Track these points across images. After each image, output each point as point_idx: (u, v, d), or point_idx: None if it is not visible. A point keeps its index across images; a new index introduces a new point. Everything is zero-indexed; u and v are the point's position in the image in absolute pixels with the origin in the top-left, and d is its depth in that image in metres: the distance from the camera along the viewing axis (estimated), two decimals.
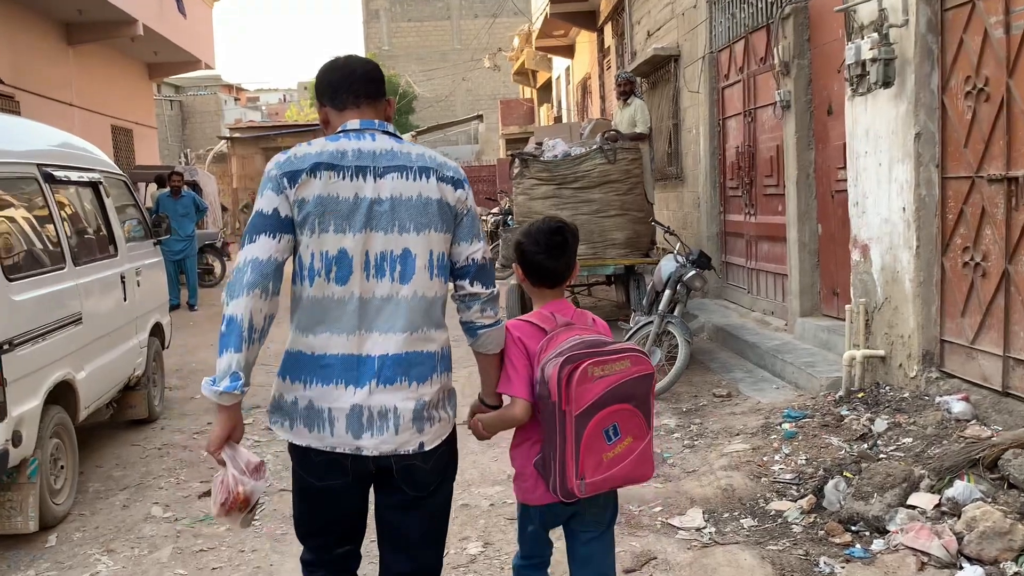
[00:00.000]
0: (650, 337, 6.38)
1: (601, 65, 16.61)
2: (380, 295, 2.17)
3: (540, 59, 24.08)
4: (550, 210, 8.38)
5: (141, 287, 6.06)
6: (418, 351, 2.19)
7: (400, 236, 2.17)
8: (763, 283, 8.12)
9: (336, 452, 2.16)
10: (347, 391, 2.15)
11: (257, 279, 2.09)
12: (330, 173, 2.14)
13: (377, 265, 2.16)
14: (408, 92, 38.39)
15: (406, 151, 2.23)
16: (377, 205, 2.16)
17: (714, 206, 9.32)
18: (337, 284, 2.15)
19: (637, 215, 8.53)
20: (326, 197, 2.14)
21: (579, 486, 2.21)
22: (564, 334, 2.31)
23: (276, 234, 2.12)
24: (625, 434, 2.25)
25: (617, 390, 2.22)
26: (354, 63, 2.33)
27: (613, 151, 8.32)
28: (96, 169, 5.71)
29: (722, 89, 9.05)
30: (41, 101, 12.86)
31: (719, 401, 5.98)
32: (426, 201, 2.20)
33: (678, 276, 6.52)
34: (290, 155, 2.19)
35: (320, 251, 2.15)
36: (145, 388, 6.06)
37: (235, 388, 2.05)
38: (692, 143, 10.14)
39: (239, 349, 2.06)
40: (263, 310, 2.09)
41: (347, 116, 2.26)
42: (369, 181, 2.17)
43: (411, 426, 2.17)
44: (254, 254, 2.11)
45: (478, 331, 2.31)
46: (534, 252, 2.42)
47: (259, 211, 2.15)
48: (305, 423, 2.17)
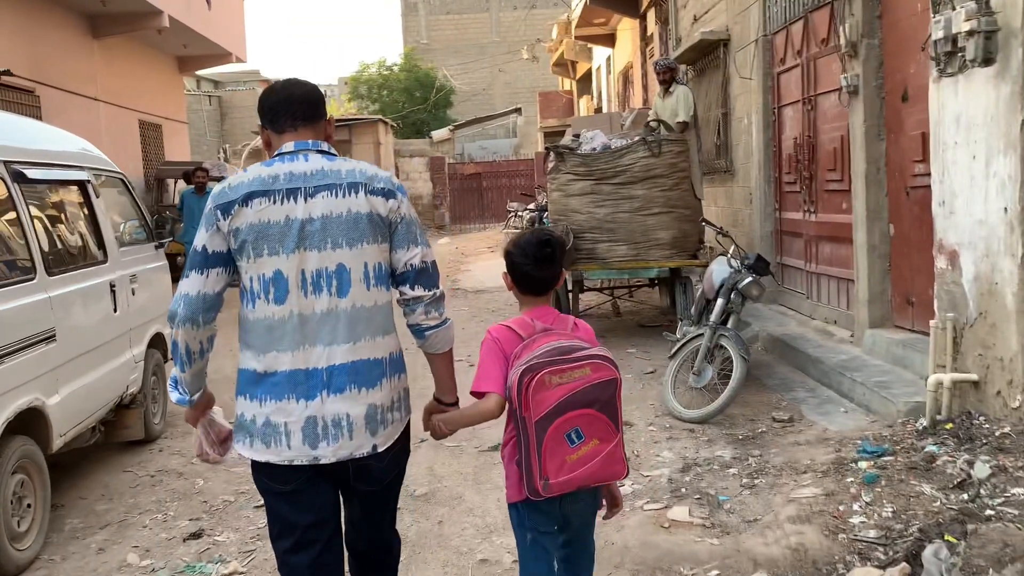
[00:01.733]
0: (700, 352, 5.68)
1: (644, 53, 15.84)
2: (320, 310, 2.28)
3: (580, 49, 23.33)
4: (588, 207, 7.73)
5: (137, 295, 5.51)
6: (364, 359, 2.31)
7: (333, 252, 2.28)
8: (825, 289, 7.35)
9: (295, 464, 2.29)
10: (299, 404, 2.27)
11: (187, 315, 2.28)
12: (261, 199, 2.25)
13: (314, 282, 2.27)
14: (445, 86, 37.82)
15: (336, 168, 2.31)
16: (308, 224, 2.27)
17: (768, 203, 8.56)
18: (276, 304, 2.27)
19: (684, 213, 7.83)
20: (258, 224, 2.25)
21: (543, 486, 2.32)
22: (541, 340, 2.41)
23: (204, 270, 2.28)
24: (589, 437, 2.34)
25: (576, 396, 2.32)
26: (292, 86, 2.41)
27: (658, 143, 7.63)
28: (84, 166, 5.16)
29: (777, 75, 8.27)
30: (64, 95, 12.48)
31: (780, 427, 5.26)
32: (356, 216, 2.29)
33: (732, 283, 5.80)
34: (224, 186, 2.31)
35: (258, 274, 2.27)
36: (141, 406, 5.52)
37: (183, 402, 2.45)
38: (743, 134, 9.37)
39: (183, 370, 2.36)
40: (197, 338, 2.30)
41: (286, 138, 2.35)
42: (300, 202, 2.26)
43: (364, 431, 2.30)
44: (185, 290, 2.29)
45: (425, 332, 2.41)
46: (523, 263, 2.53)
47: (194, 247, 2.30)
48: (263, 440, 2.29)
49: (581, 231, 7.72)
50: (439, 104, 37.63)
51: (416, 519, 4.23)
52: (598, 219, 7.70)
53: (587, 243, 7.74)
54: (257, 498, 4.57)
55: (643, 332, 8.54)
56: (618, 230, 7.67)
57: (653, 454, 4.94)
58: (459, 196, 27.22)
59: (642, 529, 3.87)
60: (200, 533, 4.20)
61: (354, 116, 28.42)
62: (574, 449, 2.32)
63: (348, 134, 25.08)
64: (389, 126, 27.12)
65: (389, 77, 38.43)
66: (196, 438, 2.53)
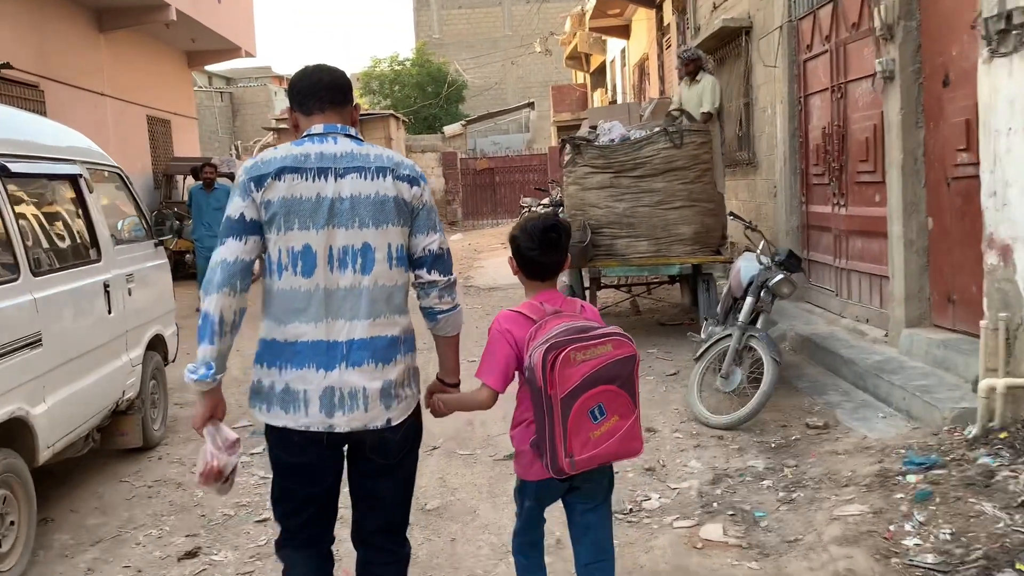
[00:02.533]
0: (728, 354, 5.35)
1: (660, 44, 15.48)
2: (344, 285, 2.35)
3: (594, 41, 22.97)
4: (606, 201, 7.41)
5: (134, 295, 5.24)
6: (382, 335, 2.38)
7: (360, 231, 2.35)
8: (855, 285, 7.00)
9: (311, 431, 2.35)
10: (319, 374, 2.33)
11: (225, 279, 2.30)
12: (293, 176, 2.33)
13: (340, 258, 2.35)
14: (457, 80, 37.48)
15: (365, 152, 2.40)
16: (338, 203, 2.35)
17: (794, 195, 8.21)
18: (303, 277, 2.33)
19: (706, 206, 7.49)
20: (290, 198, 2.32)
21: (568, 463, 2.34)
22: (552, 322, 2.44)
23: (242, 236, 2.32)
24: (611, 413, 2.37)
25: (600, 372, 2.35)
26: (322, 72, 2.48)
27: (679, 133, 7.28)
28: (76, 160, 4.88)
29: (804, 62, 7.92)
30: (69, 90, 12.26)
31: (815, 434, 4.93)
32: (383, 199, 2.37)
33: (762, 281, 5.47)
34: (257, 160, 2.37)
35: (286, 247, 2.34)
36: (139, 412, 5.24)
37: (207, 377, 2.31)
38: (767, 124, 9.02)
39: (212, 342, 2.29)
40: (232, 306, 2.30)
41: (314, 121, 2.43)
42: (330, 181, 2.34)
43: (379, 404, 2.37)
44: (222, 256, 2.32)
45: (437, 316, 2.51)
46: (529, 248, 2.57)
47: (228, 216, 2.34)
48: (281, 406, 2.36)
49: (599, 226, 7.40)
50: (451, 99, 37.28)
51: (427, 536, 3.93)
52: (617, 214, 7.37)
53: (605, 239, 7.42)
54: (259, 511, 4.32)
55: (664, 331, 8.21)
56: (638, 225, 7.34)
57: (680, 464, 4.63)
58: (471, 192, 26.92)
59: (673, 550, 3.56)
60: (196, 552, 3.92)
61: (365, 111, 28.17)
62: (597, 425, 2.35)
63: (359, 129, 24.83)
64: (400, 121, 26.84)
65: (401, 72, 38.13)
66: (201, 456, 2.44)
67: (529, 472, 2.50)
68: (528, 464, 2.48)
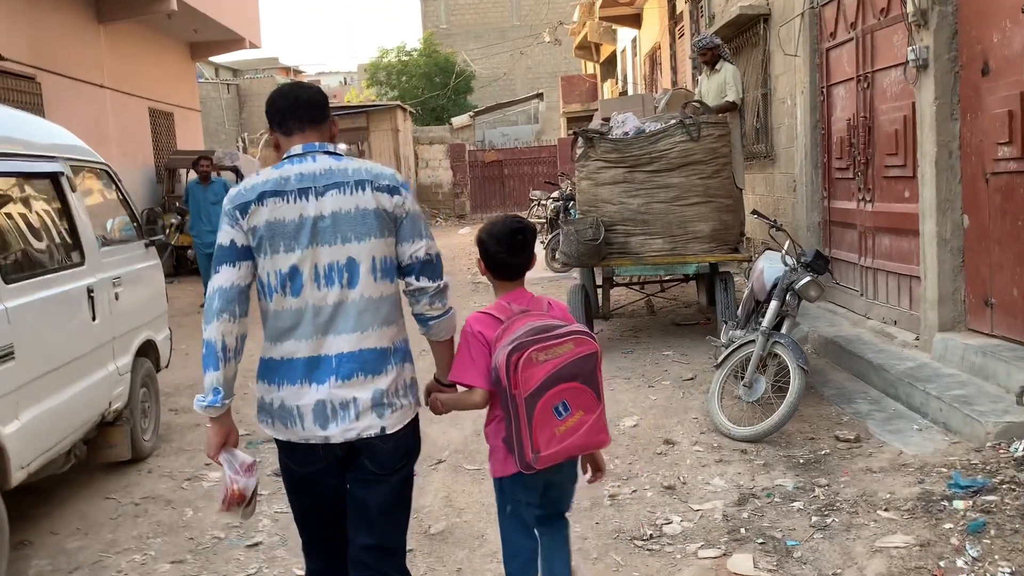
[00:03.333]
0: (752, 361, 5.03)
1: (672, 34, 15.09)
2: (331, 302, 2.39)
3: (604, 31, 22.56)
4: (620, 197, 7.08)
5: (122, 300, 4.95)
6: (371, 348, 2.41)
7: (344, 247, 2.39)
8: (882, 285, 6.66)
9: (309, 443, 2.41)
10: (311, 388, 2.38)
11: (223, 306, 2.35)
12: (275, 199, 2.37)
13: (326, 275, 2.39)
14: (465, 70, 37.10)
15: (343, 167, 2.42)
16: (320, 222, 2.38)
17: (815, 191, 7.86)
18: (293, 297, 2.39)
19: (724, 202, 7.16)
20: (273, 222, 2.37)
21: (534, 458, 2.40)
22: (519, 321, 2.50)
23: (234, 263, 2.38)
24: (575, 409, 2.44)
25: (562, 371, 2.42)
26: (299, 91, 2.52)
27: (697, 126, 6.94)
28: (58, 157, 4.58)
29: (826, 51, 7.56)
30: (67, 82, 11.97)
31: (845, 448, 4.61)
32: (364, 212, 2.39)
33: (787, 283, 5.14)
34: (241, 188, 2.41)
35: (275, 270, 2.39)
36: (128, 423, 4.96)
37: (216, 403, 2.35)
38: (786, 116, 8.67)
39: (217, 368, 2.35)
40: (233, 332, 2.36)
41: (294, 141, 2.46)
42: (311, 201, 2.38)
43: (371, 413, 2.39)
44: (219, 283, 2.37)
45: (429, 322, 2.54)
46: (497, 251, 2.63)
47: (219, 243, 2.40)
48: (281, 421, 2.42)
49: (612, 223, 7.08)
50: (459, 90, 36.92)
51: (431, 565, 3.64)
52: (631, 210, 7.05)
53: (619, 236, 7.09)
54: (250, 535, 4.03)
55: (679, 332, 7.90)
56: (653, 222, 7.01)
57: (702, 481, 4.31)
58: (480, 184, 26.59)
59: None
60: None
61: (371, 103, 27.85)
62: (562, 421, 2.42)
63: (365, 121, 24.52)
64: (408, 112, 26.52)
65: (408, 63, 37.77)
66: (221, 483, 2.46)
67: (503, 468, 2.56)
68: (502, 460, 2.55)
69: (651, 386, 6.14)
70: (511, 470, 2.51)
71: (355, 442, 2.40)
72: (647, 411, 5.53)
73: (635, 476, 4.44)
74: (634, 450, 4.82)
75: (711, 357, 6.69)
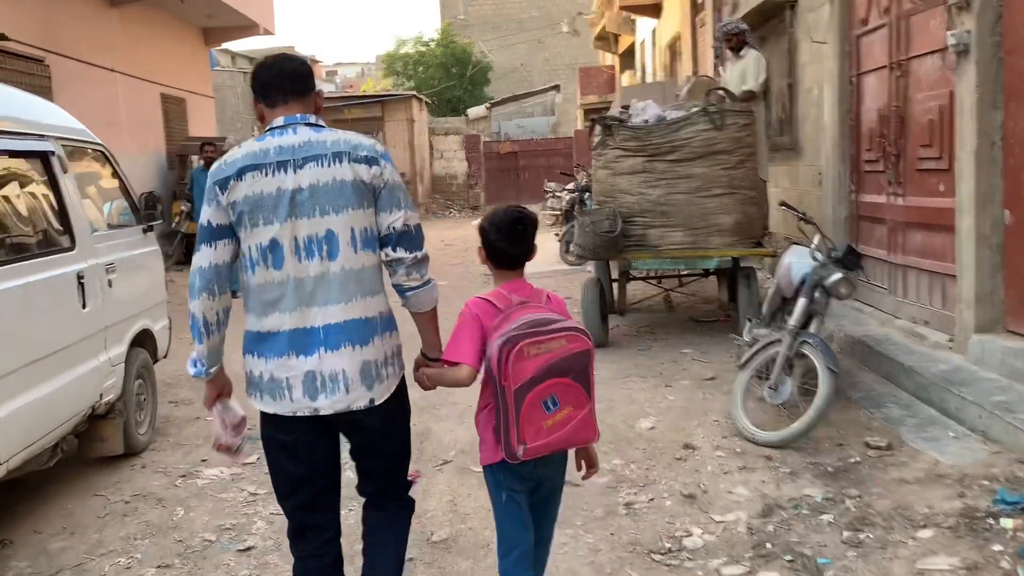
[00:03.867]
0: (778, 362, 4.75)
1: (693, 23, 14.75)
2: (313, 274, 2.42)
3: (623, 21, 22.21)
4: (639, 188, 6.80)
5: (116, 287, 4.73)
6: (356, 318, 2.45)
7: (322, 219, 2.41)
8: (913, 283, 6.35)
9: (297, 416, 2.46)
10: (299, 360, 2.42)
11: (203, 285, 2.43)
12: (254, 173, 2.39)
13: (306, 248, 2.41)
14: (482, 61, 36.79)
15: (322, 139, 2.43)
16: (298, 194, 2.40)
17: (843, 184, 7.54)
18: (275, 269, 2.42)
19: (748, 194, 6.87)
20: (252, 196, 2.39)
21: (521, 449, 2.43)
22: (517, 312, 2.51)
23: (212, 242, 2.43)
24: (564, 404, 2.46)
25: (553, 366, 2.43)
26: (282, 62, 2.53)
27: (721, 114, 6.65)
28: (49, 136, 4.36)
29: (857, 38, 7.24)
30: (78, 66, 11.78)
31: (877, 456, 4.33)
32: (341, 184, 2.41)
33: (817, 279, 4.85)
34: (221, 163, 2.45)
35: (256, 243, 2.42)
36: (121, 416, 4.74)
37: (201, 373, 2.52)
38: (812, 106, 8.35)
39: (201, 341, 2.48)
40: (214, 308, 2.45)
41: (277, 112, 2.48)
42: (290, 173, 2.40)
43: (360, 385, 2.46)
44: (198, 263, 2.44)
45: (407, 293, 2.57)
46: (497, 239, 2.63)
47: (200, 223, 2.47)
48: (268, 393, 2.46)
49: (630, 214, 6.80)
50: (475, 81, 36.64)
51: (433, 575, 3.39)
52: (650, 201, 6.76)
53: (637, 228, 6.81)
54: (243, 537, 3.80)
55: (698, 329, 7.61)
56: (673, 214, 6.73)
57: (724, 490, 4.04)
58: (495, 176, 26.33)
59: None
60: None
61: (386, 92, 27.63)
62: (550, 415, 2.43)
63: (380, 110, 24.29)
64: (423, 103, 26.27)
65: (425, 53, 37.51)
66: (213, 426, 2.62)
67: (492, 456, 2.56)
68: (492, 448, 2.55)
69: (669, 385, 5.86)
70: (500, 457, 2.52)
71: (343, 414, 2.45)
72: (665, 412, 5.26)
73: (653, 483, 4.18)
74: (651, 454, 4.56)
75: (733, 356, 6.42)
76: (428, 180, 25.99)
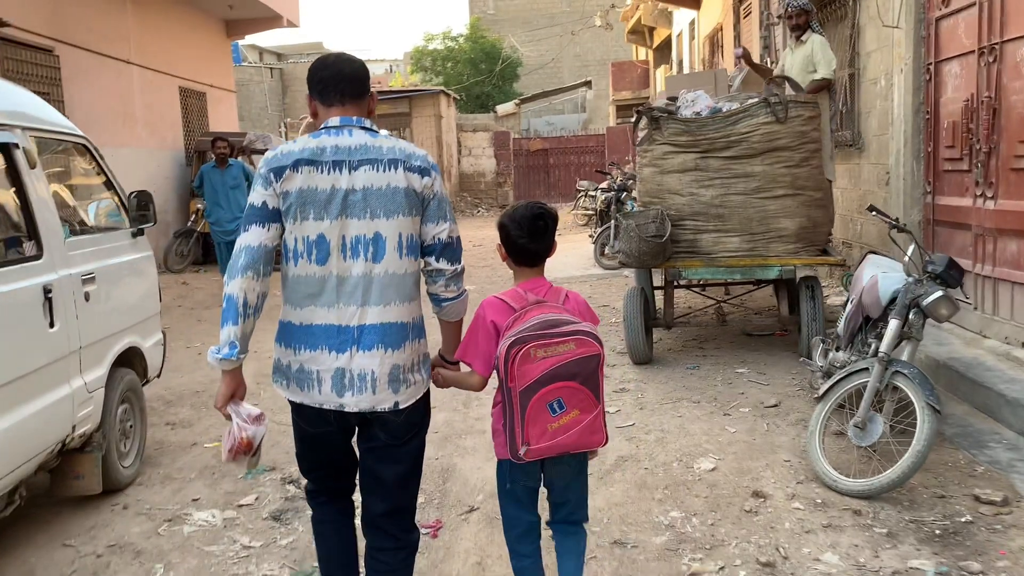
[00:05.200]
0: (866, 395, 4.01)
1: (737, 13, 13.95)
2: (356, 273, 2.45)
3: (659, 14, 21.41)
4: (689, 187, 6.09)
5: (95, 301, 4.10)
6: (392, 321, 2.48)
7: (372, 221, 2.44)
8: (1006, 298, 5.57)
9: (323, 408, 2.49)
10: (331, 356, 2.45)
11: (249, 263, 2.40)
12: (310, 168, 2.42)
13: (352, 247, 2.44)
14: (511, 56, 36.08)
15: (378, 145, 2.48)
16: (351, 195, 2.43)
17: (916, 184, 6.77)
18: (317, 264, 2.44)
19: (813, 196, 6.13)
20: (306, 189, 2.42)
21: (524, 451, 2.44)
22: (532, 311, 2.51)
23: (265, 223, 2.43)
24: (571, 407, 2.45)
25: (559, 369, 2.43)
26: (343, 63, 2.56)
27: (784, 105, 5.91)
28: (13, 125, 3.73)
29: (936, 20, 6.46)
30: (90, 56, 11.25)
31: (992, 514, 3.59)
32: (394, 190, 2.46)
33: (912, 298, 4.11)
34: (277, 152, 2.46)
35: (302, 236, 2.43)
36: (99, 449, 4.11)
37: (232, 355, 2.40)
38: (878, 98, 7.57)
39: (236, 323, 2.39)
40: (256, 289, 2.41)
41: (332, 112, 2.52)
42: (344, 174, 2.43)
43: (387, 387, 2.47)
44: (247, 242, 2.42)
45: (443, 302, 2.64)
46: (518, 236, 2.63)
47: (251, 203, 2.45)
48: (297, 383, 2.50)
49: (680, 217, 6.08)
50: (505, 77, 35.94)
51: None
52: (703, 203, 6.04)
53: (687, 233, 6.10)
54: None
55: (751, 344, 6.87)
56: (729, 217, 6.00)
57: (810, 556, 3.33)
58: (524, 173, 25.63)
59: None
60: None
61: (414, 87, 27.01)
62: (556, 418, 2.44)
63: (408, 106, 23.66)
64: (452, 99, 25.63)
65: (454, 49, 36.87)
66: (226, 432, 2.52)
67: (505, 450, 2.56)
68: (503, 444, 2.56)
69: (727, 414, 5.15)
70: (507, 455, 2.53)
71: (367, 413, 2.48)
72: (726, 449, 4.54)
73: (721, 544, 3.47)
74: (715, 504, 3.85)
75: (796, 378, 5.72)
76: (456, 178, 25.35)
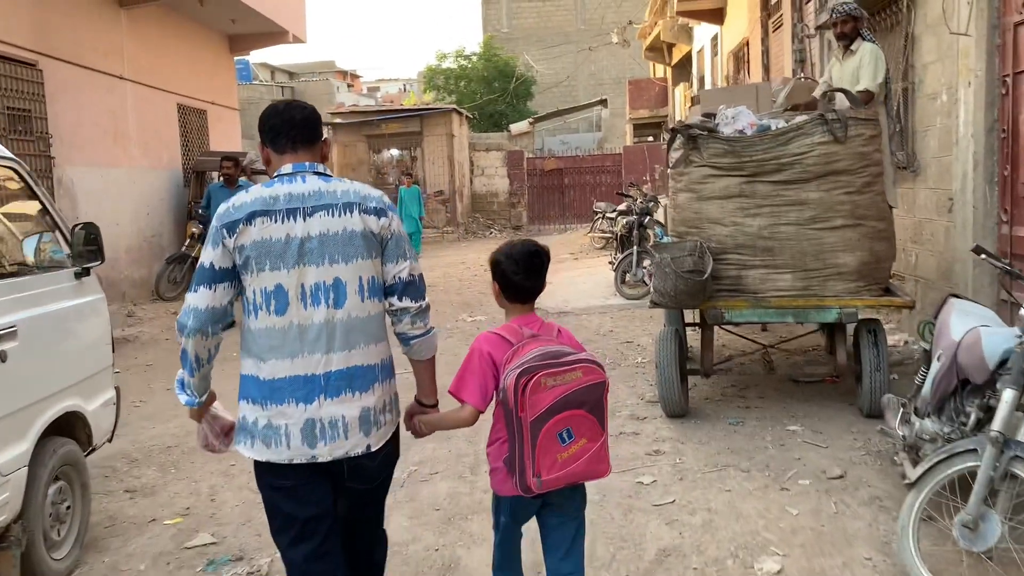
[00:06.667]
0: (977, 486, 3.16)
1: (765, 26, 13.19)
2: (318, 321, 2.43)
3: (679, 30, 20.68)
4: (733, 216, 5.31)
5: (17, 360, 3.32)
6: (358, 365, 2.47)
7: (331, 267, 2.45)
8: None
9: (293, 463, 2.43)
10: (299, 408, 2.42)
11: (197, 326, 2.42)
12: (263, 219, 2.41)
13: (312, 295, 2.43)
14: (525, 75, 35.46)
15: (332, 189, 2.48)
16: (307, 242, 2.43)
17: (988, 212, 5.94)
18: (276, 315, 2.42)
19: (875, 226, 5.32)
20: (260, 241, 2.41)
21: (536, 483, 2.43)
22: (529, 345, 2.53)
23: (213, 285, 2.42)
24: (579, 436, 2.46)
25: (569, 398, 2.44)
26: (294, 110, 2.56)
27: (843, 123, 5.11)
28: None
29: (1015, 26, 5.65)
30: (77, 71, 10.57)
31: None
32: (351, 234, 2.46)
33: None
34: (230, 206, 2.45)
35: (260, 288, 2.43)
36: (17, 545, 3.32)
37: (193, 403, 2.55)
38: (938, 115, 6.75)
39: (192, 375, 2.50)
40: (206, 346, 2.46)
41: (285, 159, 2.52)
42: (299, 221, 2.42)
43: (358, 431, 2.47)
44: (195, 303, 2.43)
45: (411, 341, 2.61)
46: (514, 272, 2.65)
47: (201, 263, 2.46)
48: (263, 441, 2.44)
49: (722, 251, 5.28)
50: (518, 95, 35.30)
51: None
52: (749, 234, 5.23)
53: (731, 268, 5.29)
54: None
55: (800, 393, 6.02)
56: (779, 250, 5.19)
57: None
58: (538, 194, 24.87)
59: None
60: None
61: (426, 106, 26.36)
62: (565, 447, 2.44)
63: (419, 125, 23.00)
64: (464, 117, 24.95)
65: (467, 68, 36.30)
66: (200, 432, 2.61)
67: (504, 488, 2.56)
68: (503, 480, 2.56)
69: (784, 488, 4.31)
70: (513, 491, 2.49)
71: (342, 460, 2.45)
72: (790, 540, 3.71)
73: None
74: None
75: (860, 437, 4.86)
76: (468, 198, 24.62)
